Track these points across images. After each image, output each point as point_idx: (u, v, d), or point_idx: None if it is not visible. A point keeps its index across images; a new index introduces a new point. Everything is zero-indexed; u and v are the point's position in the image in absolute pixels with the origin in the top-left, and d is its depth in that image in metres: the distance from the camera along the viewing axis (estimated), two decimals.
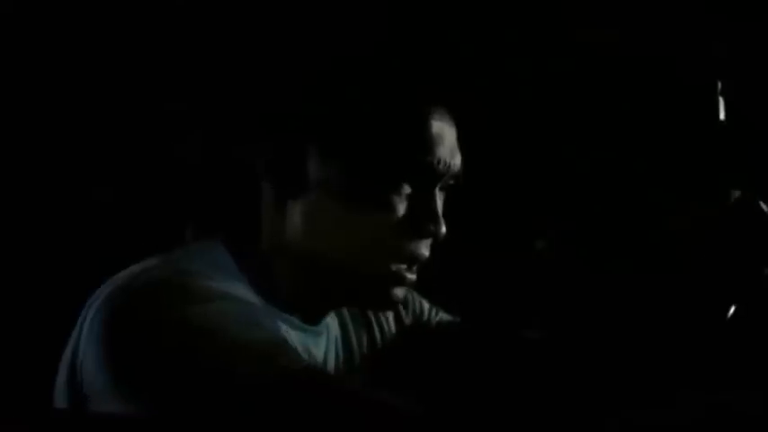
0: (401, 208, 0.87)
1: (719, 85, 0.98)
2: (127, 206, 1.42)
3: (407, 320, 1.09)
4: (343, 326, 1.02)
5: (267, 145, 0.88)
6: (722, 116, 0.97)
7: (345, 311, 1.03)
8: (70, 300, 0.86)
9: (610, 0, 1.45)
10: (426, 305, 1.11)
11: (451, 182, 0.92)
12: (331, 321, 0.99)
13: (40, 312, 1.32)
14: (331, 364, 0.97)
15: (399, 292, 0.90)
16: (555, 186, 1.52)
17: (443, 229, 0.89)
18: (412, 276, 0.90)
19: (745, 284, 0.90)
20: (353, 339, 1.02)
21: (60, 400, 0.82)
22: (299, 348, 0.87)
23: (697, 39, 1.39)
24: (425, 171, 0.87)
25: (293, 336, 0.89)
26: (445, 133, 0.89)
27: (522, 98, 1.51)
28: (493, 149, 1.48)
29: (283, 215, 0.88)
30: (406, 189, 0.88)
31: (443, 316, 1.12)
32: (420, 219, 0.88)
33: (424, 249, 0.90)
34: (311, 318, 0.94)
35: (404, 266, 0.89)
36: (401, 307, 1.07)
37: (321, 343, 0.95)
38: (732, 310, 0.87)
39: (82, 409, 0.77)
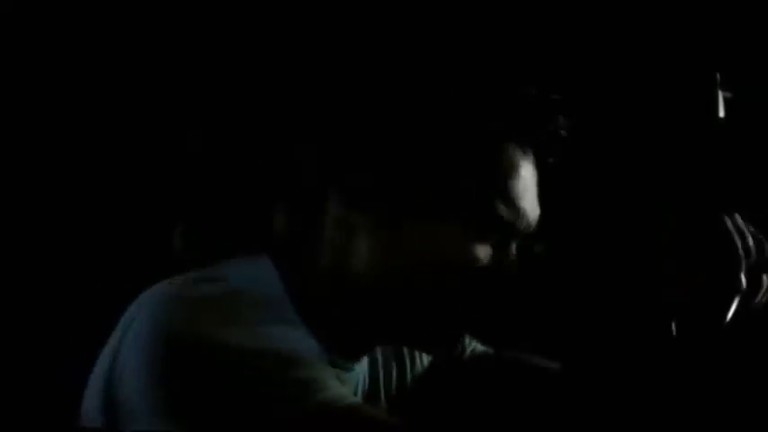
0: (479, 258, 0.86)
1: (718, 84, 0.98)
2: (134, 207, 1.42)
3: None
4: (371, 357, 1.00)
5: (363, 172, 0.86)
6: (721, 116, 0.98)
7: None
8: (71, 300, 0.86)
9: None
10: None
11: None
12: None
13: (40, 312, 1.33)
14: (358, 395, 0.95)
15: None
16: (553, 187, 1.52)
17: None
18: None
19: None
20: (380, 372, 1.01)
21: (92, 409, 0.79)
22: None
23: (696, 38, 1.39)
24: (507, 228, 0.87)
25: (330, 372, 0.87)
26: (529, 186, 0.88)
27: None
28: None
29: (350, 240, 0.86)
30: (486, 241, 0.87)
31: (476, 346, 1.11)
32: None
33: None
34: (350, 354, 0.92)
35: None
36: None
37: (352, 379, 0.93)
38: (732, 312, 0.87)
39: (115, 426, 0.76)
